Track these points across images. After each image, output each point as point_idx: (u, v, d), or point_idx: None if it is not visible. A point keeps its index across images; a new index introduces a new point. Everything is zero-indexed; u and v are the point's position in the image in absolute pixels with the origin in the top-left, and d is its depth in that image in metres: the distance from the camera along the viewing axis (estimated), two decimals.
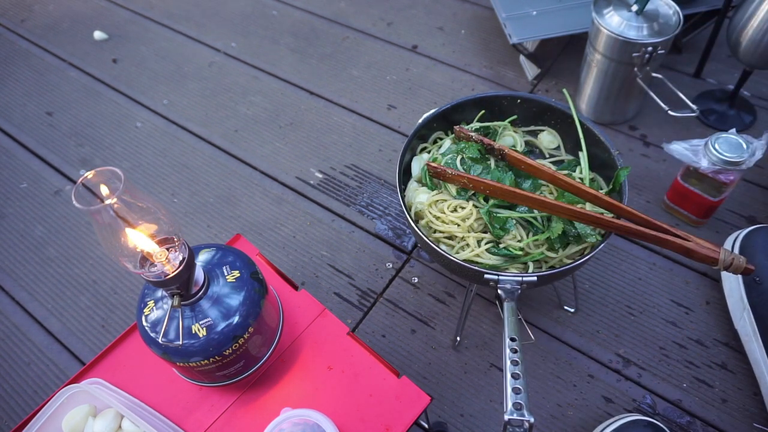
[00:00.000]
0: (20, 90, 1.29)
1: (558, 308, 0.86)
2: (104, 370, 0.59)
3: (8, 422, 0.81)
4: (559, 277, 0.63)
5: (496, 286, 0.59)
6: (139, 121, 1.20)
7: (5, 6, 1.51)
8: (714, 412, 0.75)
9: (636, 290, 0.87)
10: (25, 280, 0.96)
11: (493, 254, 0.65)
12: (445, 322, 0.86)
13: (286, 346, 0.59)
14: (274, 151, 1.12)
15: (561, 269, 0.61)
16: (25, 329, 0.90)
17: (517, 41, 1.10)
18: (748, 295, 0.77)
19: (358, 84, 1.23)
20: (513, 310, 0.56)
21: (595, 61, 0.99)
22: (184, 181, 1.08)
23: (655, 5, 0.94)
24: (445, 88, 1.20)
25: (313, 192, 1.05)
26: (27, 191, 1.09)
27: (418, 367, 0.82)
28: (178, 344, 0.48)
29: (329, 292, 0.91)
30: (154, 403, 0.57)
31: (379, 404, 0.55)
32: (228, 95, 1.24)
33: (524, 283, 0.59)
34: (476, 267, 0.61)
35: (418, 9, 1.39)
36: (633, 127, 1.08)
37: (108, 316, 0.91)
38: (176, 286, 0.46)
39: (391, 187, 1.04)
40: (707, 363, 0.80)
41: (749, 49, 0.88)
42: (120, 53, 1.35)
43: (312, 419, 0.50)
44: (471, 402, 0.78)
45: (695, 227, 0.93)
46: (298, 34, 1.36)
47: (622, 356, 0.81)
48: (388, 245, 0.96)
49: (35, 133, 1.19)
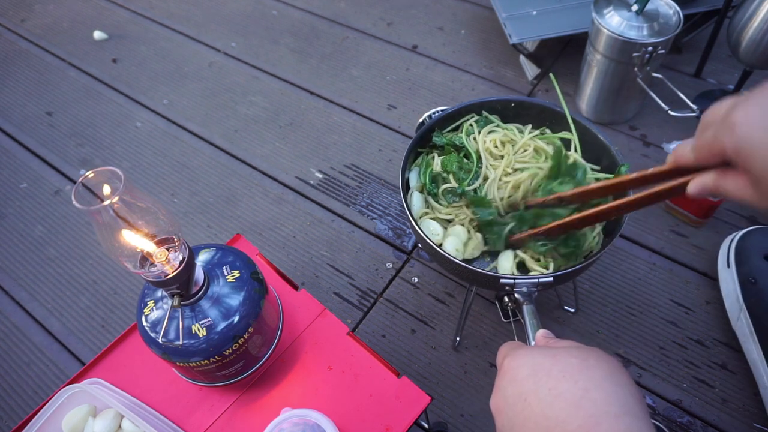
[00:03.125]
0: (20, 90, 1.29)
1: (558, 308, 0.86)
2: (104, 370, 0.59)
3: (8, 422, 0.81)
4: (575, 275, 0.62)
5: (512, 290, 0.59)
6: (139, 121, 1.20)
7: (5, 6, 1.51)
8: (714, 412, 0.75)
9: (636, 290, 0.87)
10: (25, 280, 0.96)
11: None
12: (445, 322, 0.86)
13: (286, 346, 0.59)
14: (274, 151, 1.12)
15: (577, 267, 0.60)
16: (24, 329, 0.90)
17: (517, 41, 1.10)
18: (744, 296, 0.77)
19: (358, 84, 1.23)
20: (533, 312, 0.55)
21: (595, 61, 0.99)
22: (184, 181, 1.08)
23: (655, 5, 0.94)
24: (445, 88, 1.20)
25: (313, 192, 1.05)
26: (27, 191, 1.09)
27: (418, 367, 0.82)
28: (178, 344, 0.48)
29: (329, 292, 0.91)
30: (154, 403, 0.57)
31: (379, 404, 0.55)
32: (228, 95, 1.24)
33: (541, 285, 0.58)
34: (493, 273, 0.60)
35: (418, 9, 1.39)
36: (633, 127, 1.08)
37: (108, 316, 0.91)
38: (176, 286, 0.46)
39: (392, 187, 1.04)
40: (707, 363, 0.80)
41: (749, 49, 0.87)
42: (120, 53, 1.35)
43: (312, 419, 0.50)
44: (471, 402, 0.78)
45: (695, 227, 0.93)
46: (298, 34, 1.36)
47: (622, 356, 0.81)
48: (388, 245, 0.96)
49: (35, 133, 1.19)
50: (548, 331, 0.43)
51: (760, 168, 0.32)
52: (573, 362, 0.33)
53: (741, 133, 0.33)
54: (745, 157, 0.33)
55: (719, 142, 0.35)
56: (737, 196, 0.37)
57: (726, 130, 0.34)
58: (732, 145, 0.34)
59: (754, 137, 0.32)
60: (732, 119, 0.33)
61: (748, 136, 0.32)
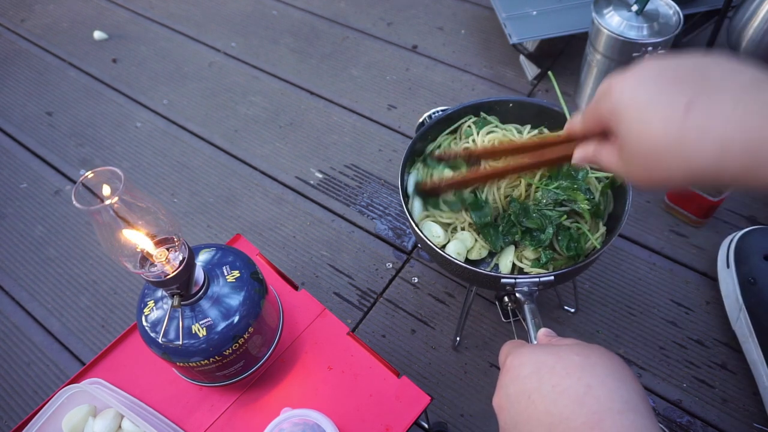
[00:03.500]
0: (20, 90, 1.29)
1: (558, 308, 0.86)
2: (104, 370, 0.59)
3: (8, 422, 0.81)
4: (575, 273, 0.62)
5: (513, 290, 0.59)
6: (139, 121, 1.20)
7: (5, 6, 1.51)
8: (714, 412, 0.75)
9: (636, 290, 0.87)
10: (25, 280, 0.96)
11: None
12: (445, 322, 0.86)
13: (286, 346, 0.59)
14: (274, 151, 1.12)
15: (577, 266, 0.60)
16: (25, 329, 0.90)
17: (517, 41, 1.10)
18: (744, 296, 0.77)
19: (358, 84, 1.23)
20: (534, 311, 0.56)
21: (595, 61, 0.99)
22: (184, 181, 1.08)
23: (655, 5, 0.94)
24: (445, 88, 1.20)
25: (313, 192, 1.05)
26: (27, 191, 1.09)
27: (418, 367, 0.82)
28: (178, 344, 0.48)
29: (329, 292, 0.91)
30: (154, 403, 0.57)
31: (379, 404, 0.55)
32: (228, 95, 1.24)
33: (542, 284, 0.58)
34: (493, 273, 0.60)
35: (418, 9, 1.39)
36: None
37: (108, 316, 0.91)
38: (176, 286, 0.46)
39: (392, 187, 1.04)
40: (707, 363, 0.80)
41: (749, 49, 0.88)
42: (120, 53, 1.35)
43: (312, 419, 0.50)
44: (471, 402, 0.78)
45: (695, 227, 0.93)
46: (298, 34, 1.36)
47: (623, 356, 0.81)
48: (388, 245, 0.96)
49: (35, 133, 1.19)
50: (550, 330, 0.43)
51: (626, 130, 0.34)
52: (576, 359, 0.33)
53: (615, 95, 0.35)
54: (616, 121, 0.35)
55: (600, 107, 0.37)
56: (608, 165, 0.39)
57: (604, 95, 0.36)
58: (608, 110, 0.36)
59: (624, 100, 0.34)
60: (611, 86, 0.35)
61: (619, 99, 0.35)
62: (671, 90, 0.32)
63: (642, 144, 0.33)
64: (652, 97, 0.33)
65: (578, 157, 0.43)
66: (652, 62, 0.34)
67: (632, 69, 0.35)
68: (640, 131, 0.33)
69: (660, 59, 0.34)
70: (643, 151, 0.34)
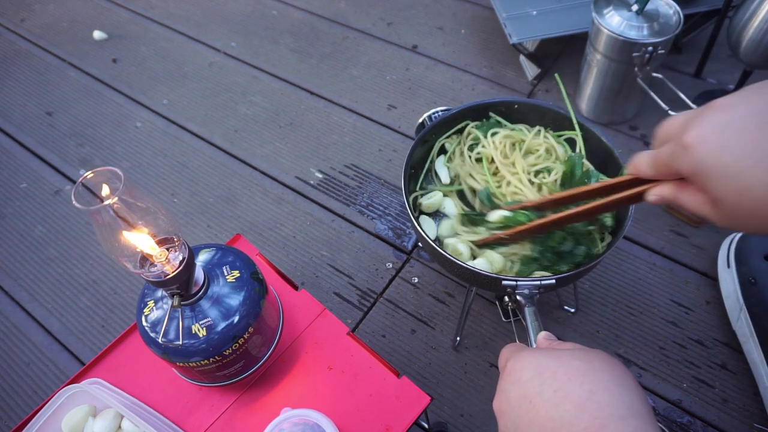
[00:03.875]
0: (20, 90, 1.29)
1: (558, 308, 0.86)
2: (104, 370, 0.59)
3: (8, 422, 0.81)
4: (577, 277, 0.62)
5: (514, 292, 0.58)
6: (139, 121, 1.20)
7: (5, 6, 1.51)
8: (714, 413, 0.75)
9: (636, 290, 0.87)
10: (25, 280, 0.96)
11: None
12: (445, 322, 0.86)
13: (286, 346, 0.59)
14: (274, 151, 1.12)
15: (579, 270, 0.60)
16: (24, 329, 0.90)
17: (517, 41, 1.10)
18: (744, 296, 0.77)
19: (358, 84, 1.23)
20: (534, 314, 0.55)
21: (595, 61, 0.99)
22: (184, 181, 1.08)
23: (655, 5, 0.94)
24: (445, 88, 1.20)
25: (313, 192, 1.05)
26: (27, 191, 1.09)
27: (418, 367, 0.82)
28: (178, 344, 0.48)
29: (329, 292, 0.91)
30: (154, 403, 0.57)
31: (379, 404, 0.55)
32: (228, 95, 1.24)
33: (543, 287, 0.58)
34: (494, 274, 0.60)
35: (418, 9, 1.39)
36: (633, 127, 1.08)
37: (108, 316, 0.91)
38: (176, 286, 0.46)
39: (392, 187, 1.04)
40: (707, 363, 0.80)
41: (749, 49, 0.88)
42: (120, 53, 1.35)
43: (312, 419, 0.50)
44: (471, 402, 0.78)
45: (696, 227, 0.93)
46: (298, 34, 1.36)
47: (623, 356, 0.81)
48: (388, 245, 0.96)
49: (35, 133, 1.19)
50: (550, 333, 0.43)
51: (720, 190, 0.33)
52: (578, 364, 0.33)
53: (696, 155, 0.33)
54: (702, 179, 0.34)
55: (675, 163, 0.35)
56: (695, 210, 0.37)
57: (681, 151, 0.34)
58: (688, 168, 0.34)
59: (708, 160, 0.32)
60: (686, 141, 0.33)
61: (702, 159, 0.33)
62: (760, 140, 0.31)
63: (743, 204, 0.32)
64: (745, 156, 0.31)
65: (655, 199, 0.41)
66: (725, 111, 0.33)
67: (705, 117, 0.33)
68: (739, 193, 0.32)
69: (731, 105, 0.33)
70: (747, 210, 0.32)
